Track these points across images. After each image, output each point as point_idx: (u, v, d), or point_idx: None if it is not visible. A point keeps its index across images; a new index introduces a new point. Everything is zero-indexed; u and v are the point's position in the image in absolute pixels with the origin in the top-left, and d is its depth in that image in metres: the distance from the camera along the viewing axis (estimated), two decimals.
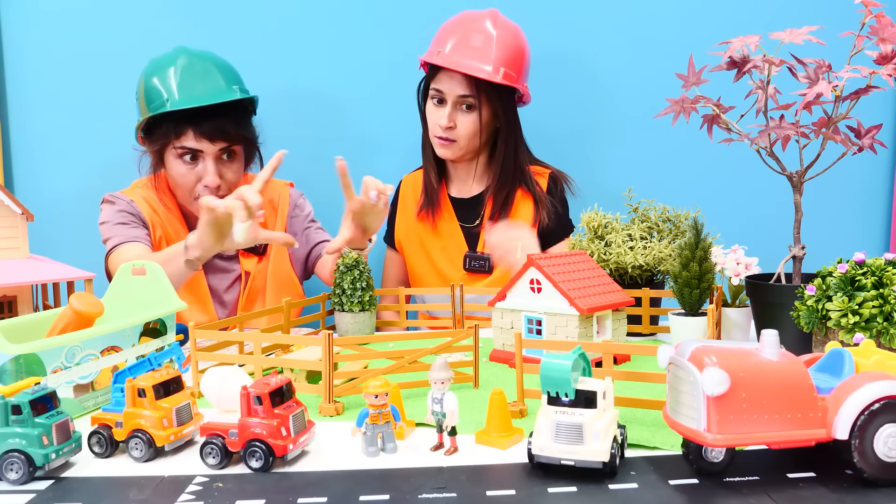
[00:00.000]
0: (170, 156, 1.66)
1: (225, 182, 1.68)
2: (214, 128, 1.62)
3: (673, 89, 1.29)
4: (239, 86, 1.68)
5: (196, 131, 1.62)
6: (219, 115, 1.62)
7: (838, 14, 1.54)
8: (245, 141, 1.70)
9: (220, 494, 0.74)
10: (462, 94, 1.72)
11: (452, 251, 1.86)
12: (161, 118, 1.63)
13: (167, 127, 1.63)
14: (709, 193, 2.01)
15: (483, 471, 0.79)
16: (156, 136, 1.66)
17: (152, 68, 1.66)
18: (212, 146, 1.63)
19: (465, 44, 1.71)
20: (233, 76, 1.69)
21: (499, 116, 1.76)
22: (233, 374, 0.98)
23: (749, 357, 0.74)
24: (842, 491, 0.72)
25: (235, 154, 1.69)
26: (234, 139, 1.66)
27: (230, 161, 1.69)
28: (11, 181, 2.04)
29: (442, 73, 1.73)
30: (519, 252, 1.51)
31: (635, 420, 0.92)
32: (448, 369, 0.84)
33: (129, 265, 1.23)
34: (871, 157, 1.20)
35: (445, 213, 1.88)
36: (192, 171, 1.66)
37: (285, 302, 1.37)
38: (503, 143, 1.78)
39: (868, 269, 1.05)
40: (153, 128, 1.66)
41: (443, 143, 1.77)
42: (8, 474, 0.78)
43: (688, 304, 1.27)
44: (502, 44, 1.72)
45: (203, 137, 1.62)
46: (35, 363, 0.93)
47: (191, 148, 1.63)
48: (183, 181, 1.67)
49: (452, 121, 1.74)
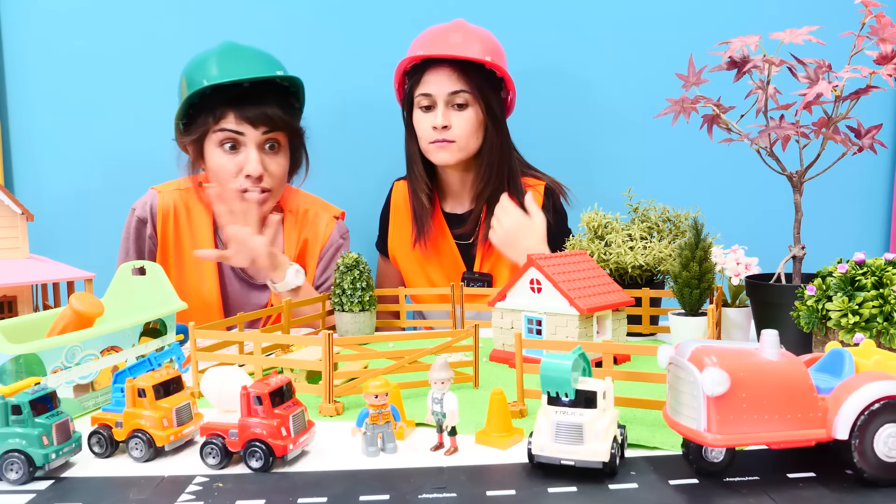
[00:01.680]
0: (210, 145, 1.58)
1: (268, 174, 1.59)
2: (257, 111, 1.54)
3: (673, 89, 1.29)
4: (283, 72, 1.60)
5: (237, 114, 1.54)
6: (262, 100, 1.55)
7: (838, 14, 1.54)
8: (290, 129, 1.62)
9: (220, 494, 0.74)
10: (453, 91, 1.66)
11: (450, 270, 1.81)
12: (201, 106, 1.56)
13: (206, 114, 1.56)
14: (709, 193, 2.01)
15: (483, 471, 0.79)
16: (195, 126, 1.59)
17: (193, 59, 1.59)
18: (254, 131, 1.55)
19: (445, 42, 1.67)
20: (276, 62, 1.61)
21: (493, 111, 1.70)
22: (233, 374, 0.98)
23: (749, 357, 0.74)
24: (842, 491, 0.72)
25: (280, 145, 1.61)
26: (277, 125, 1.57)
27: (274, 153, 1.60)
28: (11, 181, 2.04)
29: (428, 75, 1.68)
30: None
31: (635, 420, 0.92)
32: (448, 369, 0.84)
33: (129, 265, 1.23)
34: (871, 157, 1.20)
35: (440, 231, 1.81)
36: (232, 160, 1.57)
37: (285, 302, 1.37)
38: (491, 141, 1.71)
39: (868, 269, 1.05)
40: (192, 119, 1.59)
41: (441, 146, 1.69)
42: (8, 474, 0.78)
43: (688, 304, 1.27)
44: (480, 38, 1.69)
45: (245, 121, 1.54)
46: (35, 363, 0.93)
47: (232, 131, 1.55)
48: (223, 171, 1.57)
49: (447, 120, 1.68)
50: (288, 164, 1.65)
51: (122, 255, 1.68)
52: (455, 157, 1.71)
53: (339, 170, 2.06)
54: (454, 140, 1.69)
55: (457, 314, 1.50)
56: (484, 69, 1.69)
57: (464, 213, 1.81)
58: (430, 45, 1.68)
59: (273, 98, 1.58)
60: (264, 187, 1.59)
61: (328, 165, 2.06)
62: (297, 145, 1.68)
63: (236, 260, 1.50)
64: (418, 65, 1.70)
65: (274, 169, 1.61)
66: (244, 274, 1.71)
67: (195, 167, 1.66)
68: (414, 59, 1.69)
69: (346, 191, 2.03)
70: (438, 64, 1.67)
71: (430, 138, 1.70)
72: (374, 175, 2.03)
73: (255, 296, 1.71)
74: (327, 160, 2.05)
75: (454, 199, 1.83)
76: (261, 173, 1.57)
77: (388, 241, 1.88)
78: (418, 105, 1.71)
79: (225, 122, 1.55)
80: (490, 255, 1.77)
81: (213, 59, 1.55)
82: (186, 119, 1.61)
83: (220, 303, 1.68)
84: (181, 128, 1.61)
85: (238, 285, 1.71)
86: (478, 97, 1.68)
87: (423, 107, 1.70)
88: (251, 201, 1.54)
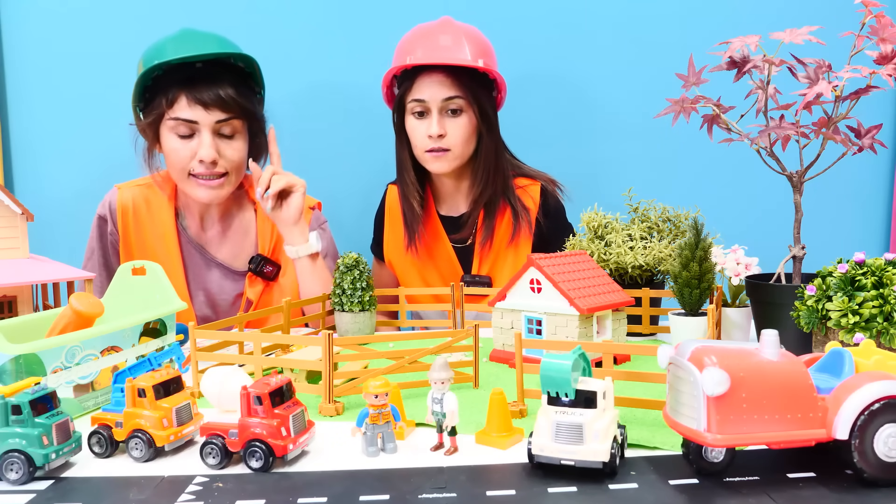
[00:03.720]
0: (164, 129, 1.54)
1: (224, 159, 1.55)
2: (210, 94, 1.49)
3: (673, 89, 1.29)
4: (236, 51, 1.55)
5: (189, 97, 1.49)
6: (215, 82, 1.51)
7: (838, 14, 1.54)
8: (246, 114, 1.57)
9: (220, 494, 0.74)
10: (448, 97, 1.64)
11: (447, 273, 1.79)
12: (155, 90, 1.53)
13: (160, 98, 1.52)
14: (709, 193, 2.01)
15: (483, 471, 0.79)
16: (150, 109, 1.55)
17: (151, 44, 1.57)
18: (207, 115, 1.51)
19: (436, 45, 1.65)
20: (230, 43, 1.57)
21: (486, 115, 1.68)
22: (233, 374, 0.98)
23: (749, 357, 0.74)
24: (842, 491, 0.72)
25: (236, 131, 1.57)
26: (232, 109, 1.52)
27: (230, 138, 1.56)
28: (11, 181, 2.04)
29: (420, 80, 1.65)
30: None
31: (635, 420, 0.92)
32: (448, 369, 0.84)
33: (129, 265, 1.23)
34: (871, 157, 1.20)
35: (435, 234, 1.79)
36: (186, 146, 1.53)
37: (285, 302, 1.37)
38: (486, 145, 1.70)
39: (868, 269, 1.05)
40: (148, 103, 1.56)
41: (436, 156, 1.67)
42: (8, 474, 0.78)
43: (688, 304, 1.27)
44: (471, 38, 1.68)
45: (197, 104, 1.50)
46: (35, 363, 0.93)
47: (185, 119, 1.51)
48: (176, 157, 1.54)
49: (443, 128, 1.65)
50: (246, 149, 1.61)
51: (88, 253, 1.69)
52: (451, 166, 1.70)
53: (333, 172, 2.06)
54: (449, 149, 1.67)
55: (456, 316, 1.50)
56: (477, 72, 1.68)
57: (459, 216, 1.79)
58: (420, 50, 1.65)
59: (228, 80, 1.54)
60: (219, 172, 1.56)
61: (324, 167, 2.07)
62: (256, 130, 1.63)
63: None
64: (409, 70, 1.68)
65: (230, 154, 1.57)
66: (220, 261, 1.70)
67: (151, 152, 1.63)
68: (404, 65, 1.67)
69: (340, 193, 2.03)
70: (431, 69, 1.65)
71: (425, 146, 1.68)
72: (367, 177, 2.03)
73: (228, 285, 1.71)
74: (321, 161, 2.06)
75: (449, 203, 1.82)
76: (214, 158, 1.53)
77: (383, 245, 1.87)
78: (411, 111, 1.68)
79: (178, 107, 1.51)
80: (488, 257, 1.76)
81: (168, 41, 1.53)
82: (143, 103, 1.58)
83: (189, 294, 1.68)
84: (138, 112, 1.59)
85: (209, 274, 1.70)
86: (471, 102, 1.66)
87: (416, 113, 1.68)
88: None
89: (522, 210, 1.74)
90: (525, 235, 1.74)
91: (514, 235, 1.73)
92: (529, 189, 1.77)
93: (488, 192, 1.72)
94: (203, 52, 1.50)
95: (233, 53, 1.55)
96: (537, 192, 1.77)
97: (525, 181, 1.78)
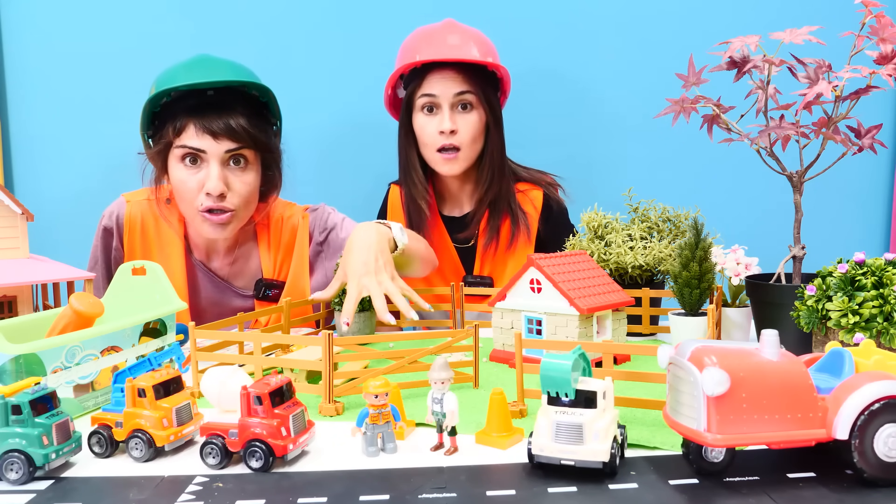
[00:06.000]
0: (172, 160, 1.48)
1: (233, 192, 1.48)
2: (220, 123, 1.43)
3: (673, 89, 1.29)
4: (250, 79, 1.48)
5: (197, 126, 1.43)
6: (226, 111, 1.44)
7: (838, 14, 1.54)
8: (258, 145, 1.49)
9: (220, 494, 0.74)
10: (459, 92, 1.64)
11: (449, 273, 1.78)
12: (164, 117, 1.48)
13: (169, 126, 1.46)
14: (709, 193, 2.01)
15: (483, 471, 0.79)
16: (158, 137, 1.50)
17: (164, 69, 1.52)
18: (216, 145, 1.44)
19: (444, 44, 1.65)
20: (246, 71, 1.51)
21: (495, 111, 1.69)
22: (233, 374, 0.98)
23: (749, 357, 0.74)
24: (842, 491, 0.72)
25: (247, 161, 1.49)
26: (242, 139, 1.46)
27: (240, 169, 1.48)
28: (11, 181, 2.04)
29: (430, 77, 1.65)
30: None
31: (635, 420, 0.92)
32: (448, 369, 0.84)
33: (129, 265, 1.23)
34: (871, 157, 1.20)
35: (438, 235, 1.78)
36: (193, 177, 1.46)
37: (285, 302, 1.37)
38: (493, 143, 1.70)
39: (868, 269, 1.05)
40: (157, 130, 1.50)
41: (447, 158, 1.67)
42: (8, 474, 0.78)
43: (688, 304, 1.27)
44: (477, 38, 1.69)
45: (205, 133, 1.43)
46: (35, 363, 0.93)
47: (192, 148, 1.44)
48: (184, 189, 1.47)
49: (455, 124, 1.65)
50: (257, 182, 1.54)
51: (92, 262, 1.65)
52: (462, 168, 1.71)
53: (333, 172, 2.06)
54: (460, 148, 1.67)
55: (456, 316, 1.50)
56: (485, 70, 1.69)
57: (462, 216, 1.80)
58: (429, 48, 1.66)
59: (241, 110, 1.47)
60: (226, 207, 1.48)
61: (324, 167, 2.07)
62: (269, 162, 1.56)
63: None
64: (418, 69, 1.68)
65: (239, 187, 1.49)
66: (223, 280, 1.66)
67: (159, 181, 1.57)
68: (413, 63, 1.67)
69: (340, 193, 2.03)
70: (441, 66, 1.66)
71: (436, 145, 1.67)
72: (367, 177, 2.03)
73: (232, 300, 1.66)
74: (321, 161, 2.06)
75: (452, 203, 1.82)
76: (222, 191, 1.46)
77: None
78: (421, 108, 1.68)
79: (185, 135, 1.45)
80: (490, 257, 1.76)
81: (180, 67, 1.48)
82: (152, 130, 1.53)
83: (192, 312, 1.63)
84: (147, 140, 1.54)
85: (213, 291, 1.65)
86: (481, 98, 1.67)
87: (426, 109, 1.67)
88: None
89: (522, 214, 1.74)
90: (524, 240, 1.75)
91: (512, 239, 1.74)
92: (531, 194, 1.78)
93: (493, 191, 1.73)
94: (214, 80, 1.44)
95: (247, 82, 1.49)
96: (539, 197, 1.77)
97: (525, 185, 1.78)
